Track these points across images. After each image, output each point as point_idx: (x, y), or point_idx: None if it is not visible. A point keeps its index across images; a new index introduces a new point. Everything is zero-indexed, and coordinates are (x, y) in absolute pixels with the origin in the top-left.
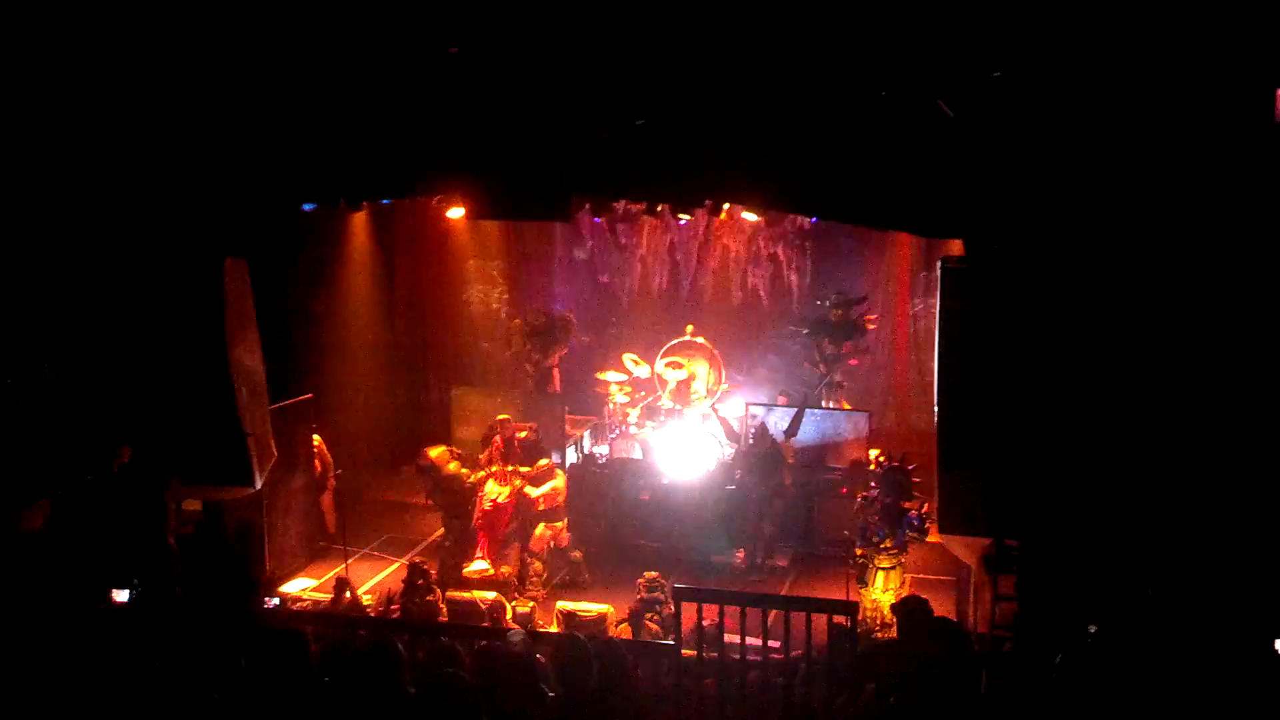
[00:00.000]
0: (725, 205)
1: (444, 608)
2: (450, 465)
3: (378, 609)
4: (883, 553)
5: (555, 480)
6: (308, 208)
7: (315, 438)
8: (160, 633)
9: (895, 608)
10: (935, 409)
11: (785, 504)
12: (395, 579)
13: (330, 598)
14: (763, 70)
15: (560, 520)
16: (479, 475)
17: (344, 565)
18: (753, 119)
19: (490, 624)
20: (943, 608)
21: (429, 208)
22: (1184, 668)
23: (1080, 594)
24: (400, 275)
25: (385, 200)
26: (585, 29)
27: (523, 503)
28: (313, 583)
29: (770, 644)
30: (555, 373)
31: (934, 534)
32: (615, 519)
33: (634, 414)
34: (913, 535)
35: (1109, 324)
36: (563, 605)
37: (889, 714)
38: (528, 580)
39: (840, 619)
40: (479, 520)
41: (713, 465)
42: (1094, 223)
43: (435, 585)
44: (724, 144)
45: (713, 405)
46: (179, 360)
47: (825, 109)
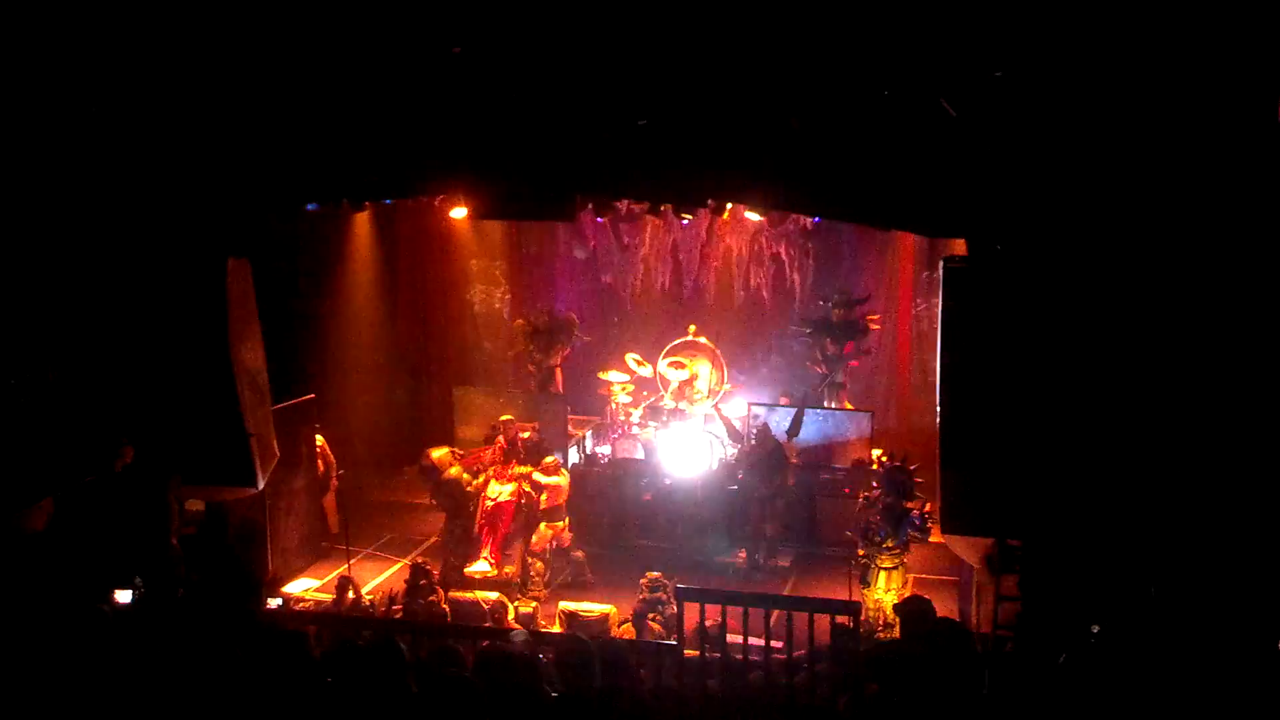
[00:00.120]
0: (728, 205)
1: (446, 608)
2: (452, 470)
3: (380, 609)
4: (885, 553)
5: (560, 477)
6: (311, 208)
7: (318, 438)
8: (163, 633)
9: (898, 608)
10: (938, 409)
11: (787, 504)
12: (398, 579)
13: (333, 598)
14: (765, 69)
15: (561, 520)
16: (479, 480)
17: (346, 565)
18: (755, 118)
19: (492, 624)
20: (945, 608)
21: (432, 208)
22: (1186, 668)
23: (1083, 594)
24: (403, 275)
25: (388, 200)
26: (588, 29)
27: (525, 501)
28: (315, 583)
29: (773, 644)
30: (558, 373)
31: (936, 534)
32: (618, 519)
33: (636, 414)
34: (915, 535)
35: (1112, 323)
36: (565, 605)
37: (891, 714)
38: (530, 581)
39: (843, 619)
40: (481, 520)
41: (715, 465)
42: (1097, 222)
43: (438, 585)
44: (727, 144)
45: (715, 405)
46: (182, 360)
47: (828, 108)
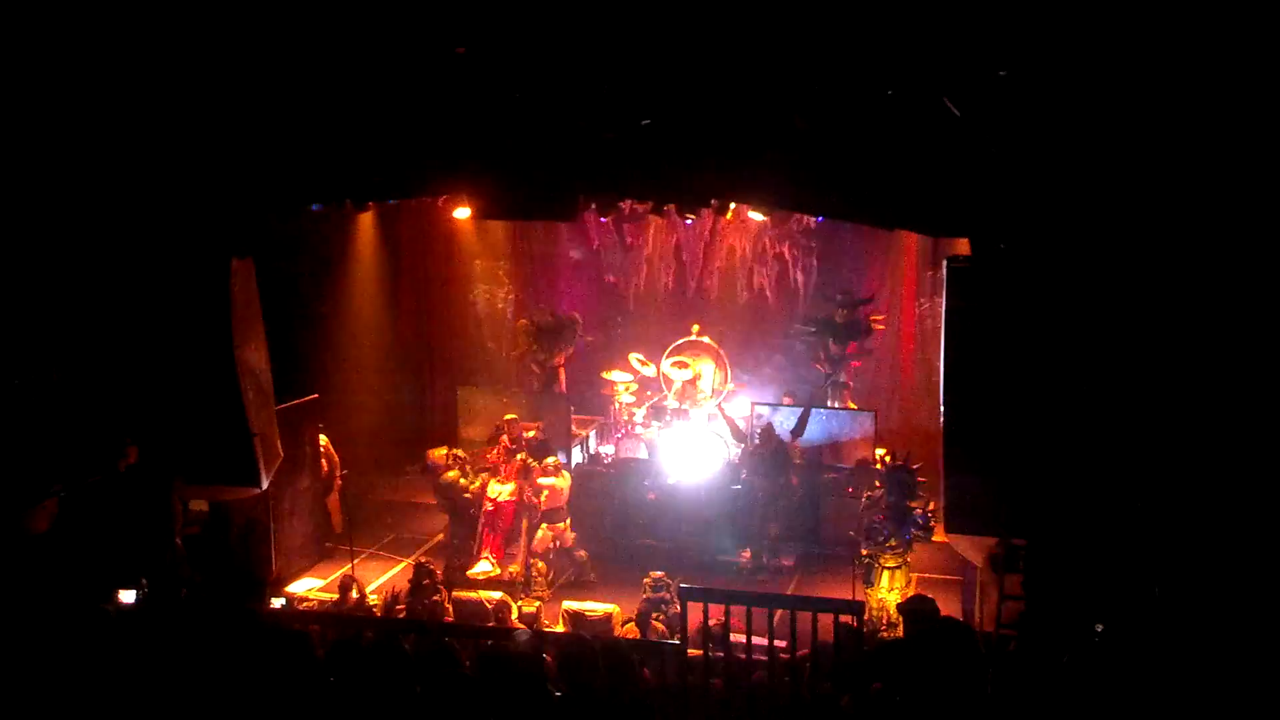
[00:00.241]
0: (731, 205)
1: (450, 608)
2: (449, 473)
3: (384, 609)
4: (888, 552)
5: (560, 478)
6: (314, 208)
7: (321, 438)
8: (166, 633)
9: (901, 607)
10: (941, 408)
11: (791, 503)
12: (401, 579)
13: (336, 597)
14: (769, 69)
15: (562, 520)
16: (476, 485)
17: (350, 565)
18: (759, 118)
19: (496, 624)
20: (949, 607)
21: (435, 208)
22: (1190, 667)
23: (1087, 593)
24: (406, 275)
25: (391, 200)
26: (591, 29)
27: (526, 500)
28: (319, 582)
29: (776, 643)
30: (561, 372)
31: (940, 533)
32: (621, 519)
33: (640, 414)
34: (918, 534)
35: (1115, 323)
36: (569, 605)
37: (895, 713)
38: (533, 580)
39: (846, 618)
40: (482, 521)
41: (719, 465)
42: (1100, 222)
43: (441, 585)
44: (730, 143)
45: (719, 405)
46: (185, 360)
47: (831, 108)
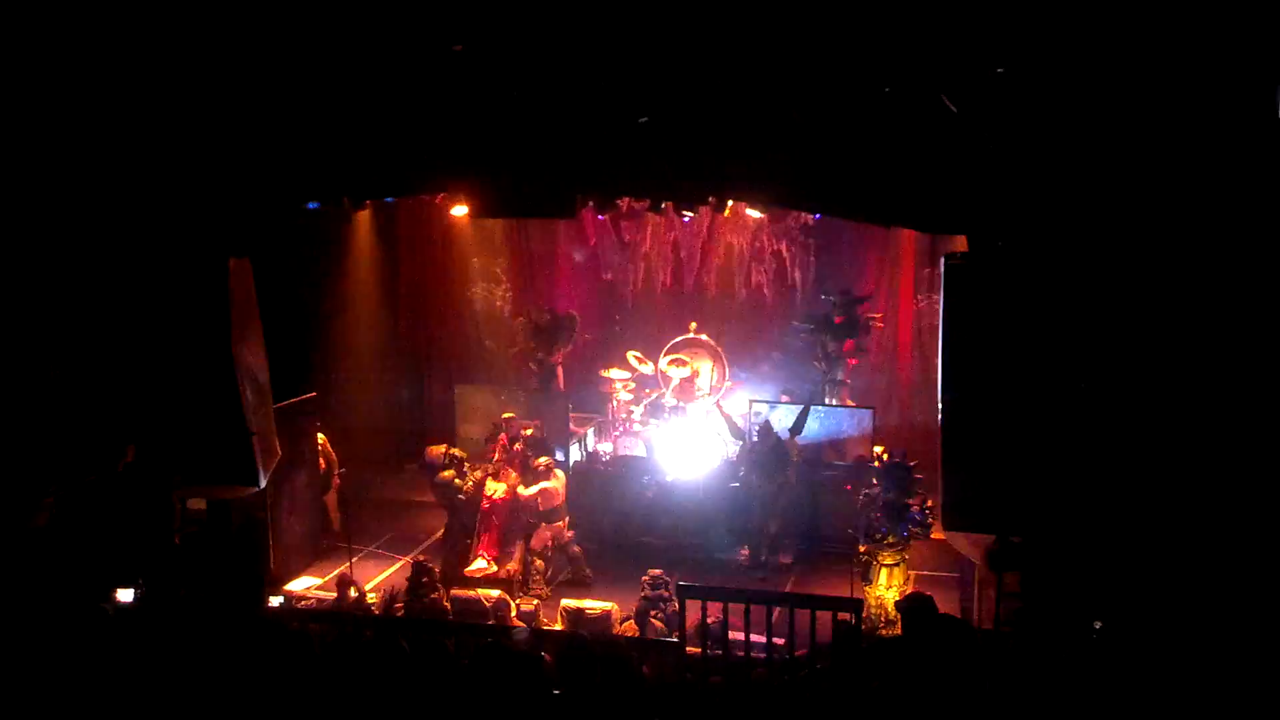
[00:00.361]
0: (729, 202)
1: (448, 606)
2: (445, 472)
3: (382, 607)
4: (887, 549)
5: (550, 481)
6: (312, 206)
7: (319, 436)
8: (165, 632)
9: (900, 605)
10: (939, 405)
11: (789, 501)
12: (400, 577)
13: (335, 596)
14: (766, 66)
15: (560, 519)
16: (474, 477)
17: (348, 563)
18: (756, 115)
19: (495, 622)
20: (947, 604)
21: (433, 206)
22: (1189, 664)
23: (1085, 590)
24: (404, 273)
25: (389, 199)
26: (588, 26)
27: (523, 498)
28: (317, 581)
29: (775, 641)
30: (559, 370)
31: (938, 531)
32: (619, 516)
33: (638, 411)
34: (916, 531)
35: (1113, 319)
36: (567, 603)
37: (894, 711)
38: (531, 579)
39: (845, 616)
40: (479, 519)
41: (717, 463)
42: (1098, 219)
43: (439, 583)
44: (728, 141)
45: (716, 402)
46: (183, 359)
47: (829, 105)
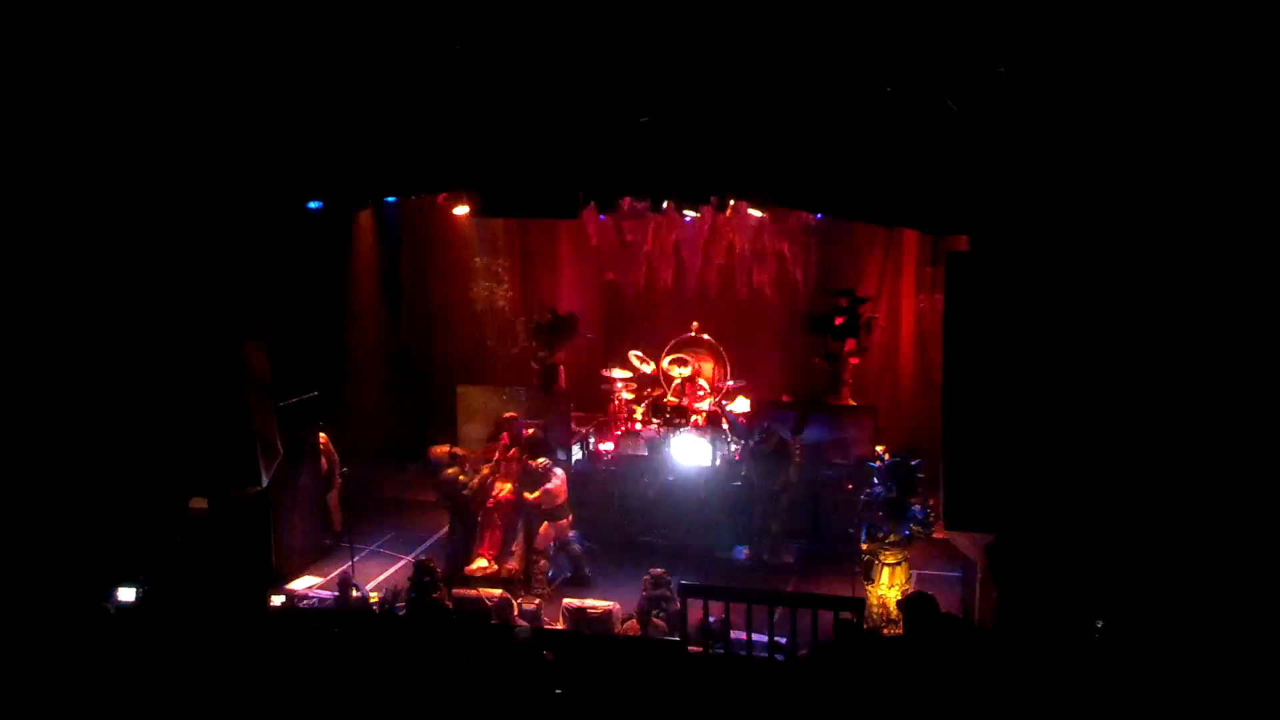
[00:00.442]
0: (731, 202)
1: (450, 605)
2: (449, 469)
3: (384, 606)
4: (889, 548)
5: (551, 482)
6: (314, 206)
7: (321, 435)
8: (167, 631)
9: (901, 604)
10: (941, 404)
11: (791, 500)
12: (401, 576)
13: (336, 595)
14: (769, 66)
15: (564, 517)
16: (478, 476)
17: (350, 563)
18: (758, 115)
19: (497, 621)
20: (949, 604)
21: (435, 205)
22: (1190, 661)
23: (1087, 589)
24: (406, 273)
25: (391, 198)
26: (590, 25)
27: (524, 502)
28: (319, 580)
29: (777, 640)
30: (561, 370)
31: (940, 530)
32: (621, 516)
33: (639, 411)
34: (918, 530)
35: (1114, 318)
36: (569, 602)
37: (895, 709)
38: (534, 578)
39: (846, 615)
40: (481, 518)
41: (718, 462)
42: (1100, 218)
43: (441, 582)
44: (729, 140)
45: (718, 402)
46: (185, 358)
47: (831, 105)
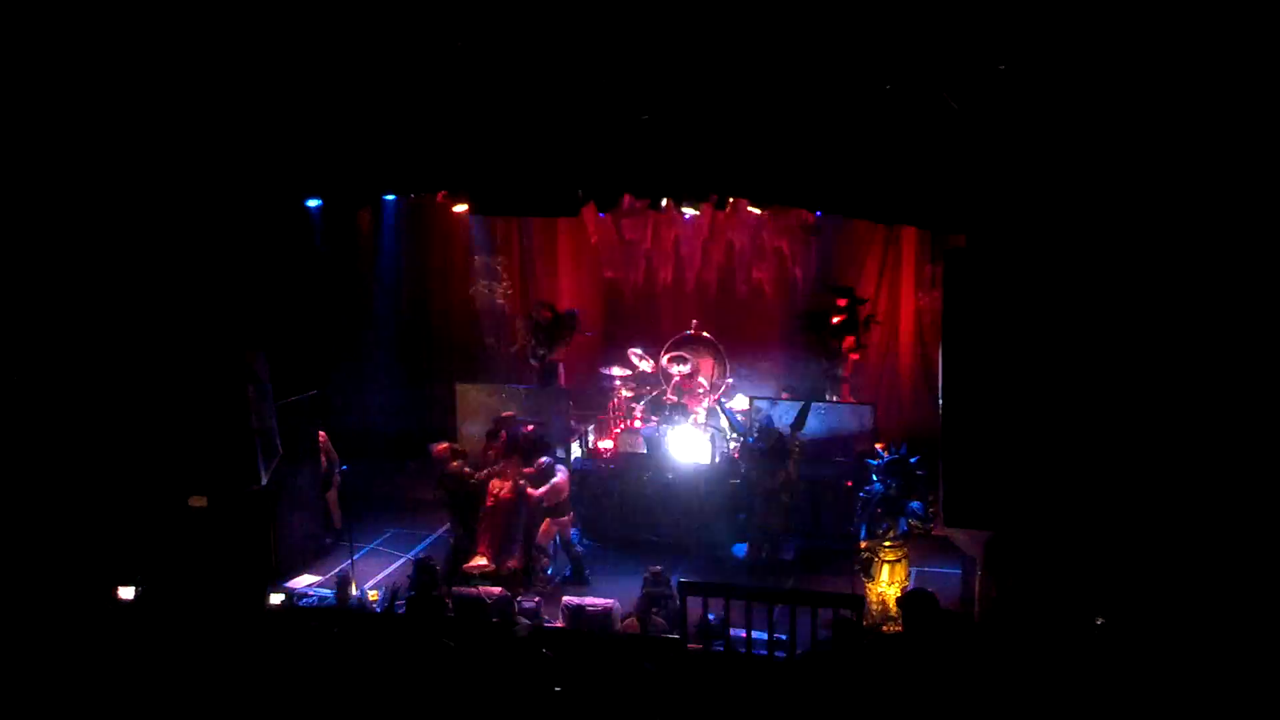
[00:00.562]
0: (730, 199)
1: (450, 603)
2: (453, 464)
3: (384, 604)
4: (888, 545)
5: (555, 478)
6: (313, 204)
7: (320, 434)
8: (167, 628)
9: (901, 601)
10: (940, 401)
11: (790, 498)
12: (401, 575)
13: (336, 593)
14: (768, 64)
15: (565, 514)
16: (481, 474)
17: (350, 561)
18: (758, 113)
19: (497, 619)
20: (949, 600)
21: (434, 203)
22: (1189, 657)
23: (1086, 585)
24: (405, 271)
25: (390, 196)
26: (590, 23)
27: (527, 499)
28: (318, 578)
29: (776, 638)
30: (560, 368)
31: (939, 526)
32: (620, 513)
33: (639, 408)
34: (917, 526)
35: (1113, 314)
36: (569, 600)
37: (895, 707)
38: (534, 575)
39: (845, 613)
40: (481, 516)
41: (718, 459)
42: (1098, 214)
43: (441, 581)
44: (729, 138)
45: (717, 400)
46: (186, 357)
47: (830, 102)
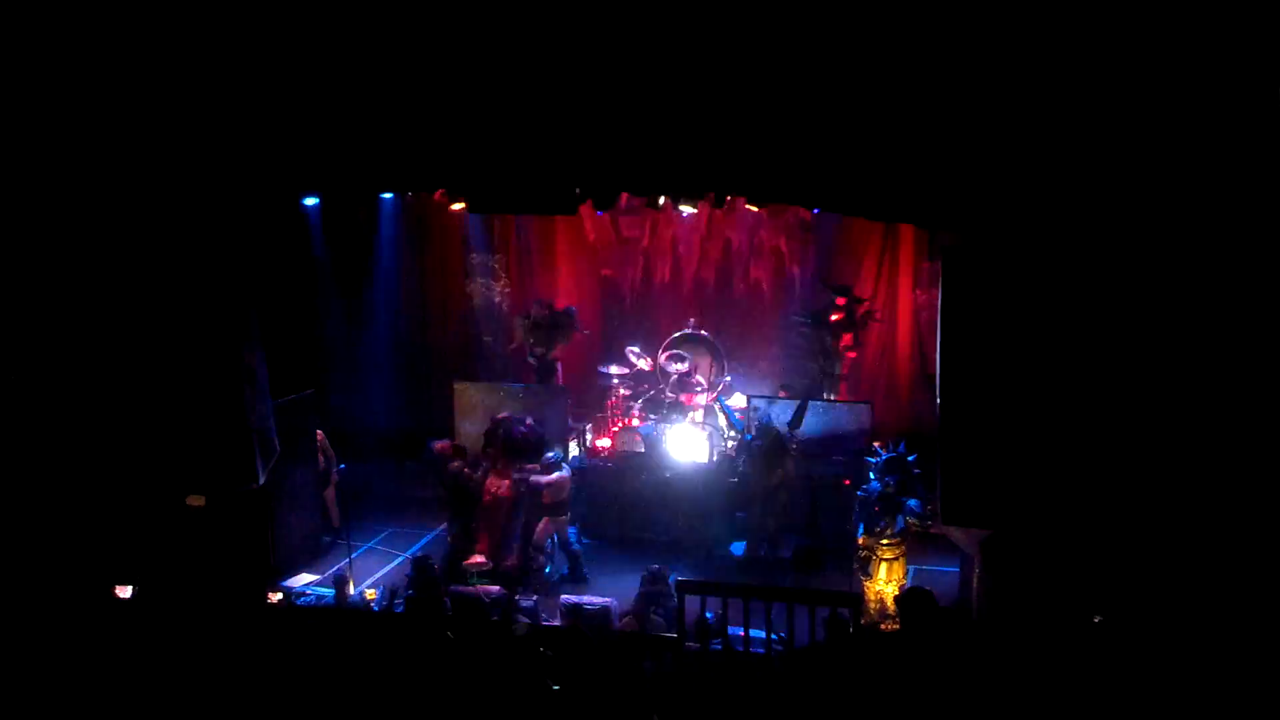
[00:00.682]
0: (727, 197)
1: (448, 601)
2: (454, 462)
3: (383, 604)
4: (885, 543)
5: (562, 471)
6: (311, 202)
7: (318, 432)
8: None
9: (899, 599)
10: (937, 399)
11: (788, 496)
12: (399, 573)
13: (334, 592)
14: (766, 62)
15: (564, 514)
16: (479, 472)
17: (348, 560)
18: (755, 111)
19: (495, 618)
20: (946, 598)
21: (431, 201)
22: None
23: (1084, 584)
24: (402, 269)
25: (388, 194)
26: (588, 21)
27: (528, 495)
28: (316, 577)
29: (774, 636)
30: (558, 366)
31: (937, 524)
32: (618, 512)
33: (637, 407)
34: (914, 524)
35: (1111, 312)
36: (567, 598)
37: (893, 705)
38: (532, 574)
39: (843, 611)
40: (480, 514)
41: (715, 458)
42: (1095, 211)
43: (439, 579)
44: (726, 136)
45: (715, 398)
46: (183, 356)
47: (827, 100)
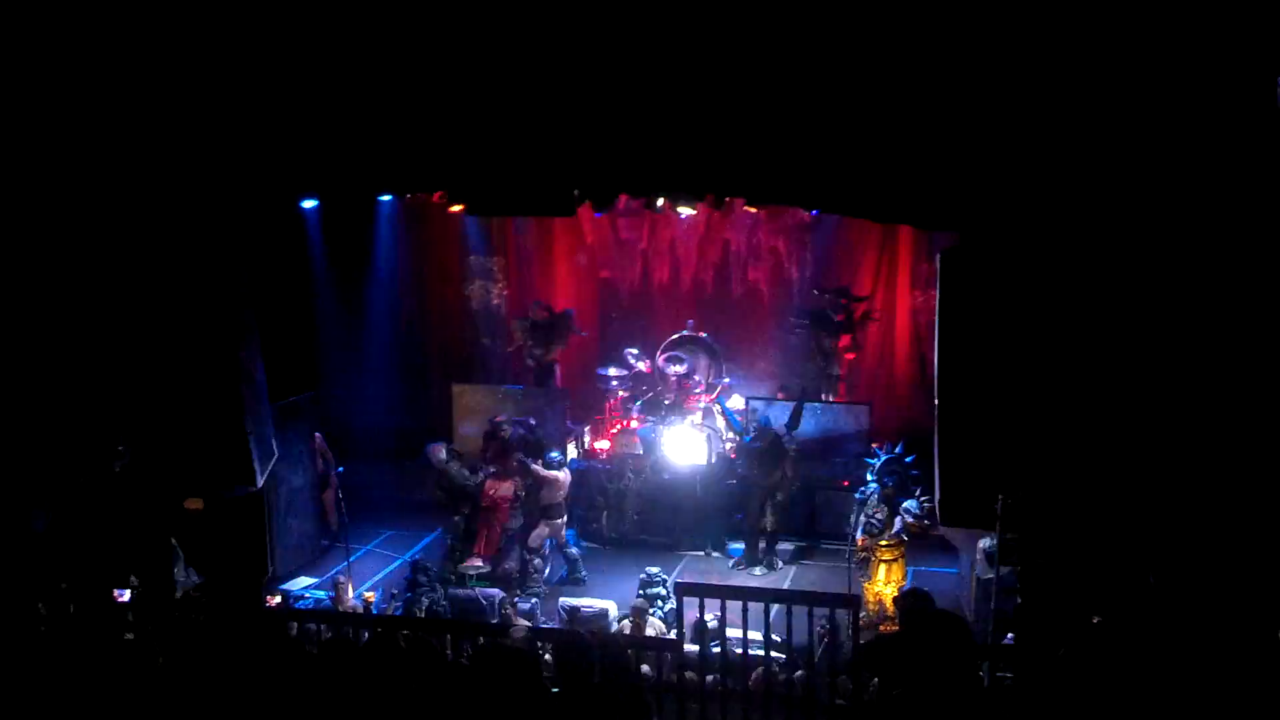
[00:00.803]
0: (726, 199)
1: (447, 604)
2: (451, 465)
3: (380, 606)
4: (884, 545)
5: (561, 472)
6: (309, 204)
7: (316, 435)
8: (162, 632)
9: (898, 600)
10: (936, 400)
11: (786, 497)
12: (398, 576)
13: (332, 595)
14: (763, 63)
15: (560, 517)
16: (478, 475)
17: (346, 563)
18: (754, 111)
19: (492, 621)
20: (945, 600)
21: (430, 203)
22: (1187, 658)
23: (1083, 585)
24: (400, 271)
25: (386, 196)
26: (587, 21)
27: (525, 495)
28: (314, 580)
29: (772, 638)
30: (556, 368)
31: (936, 526)
32: (616, 514)
33: (635, 408)
34: (913, 525)
35: (1109, 313)
36: (565, 601)
37: (891, 707)
38: (529, 577)
39: (842, 612)
40: (479, 517)
41: (713, 459)
42: (1093, 212)
43: (437, 582)
44: (725, 137)
45: (713, 399)
46: (180, 358)
47: (826, 100)
